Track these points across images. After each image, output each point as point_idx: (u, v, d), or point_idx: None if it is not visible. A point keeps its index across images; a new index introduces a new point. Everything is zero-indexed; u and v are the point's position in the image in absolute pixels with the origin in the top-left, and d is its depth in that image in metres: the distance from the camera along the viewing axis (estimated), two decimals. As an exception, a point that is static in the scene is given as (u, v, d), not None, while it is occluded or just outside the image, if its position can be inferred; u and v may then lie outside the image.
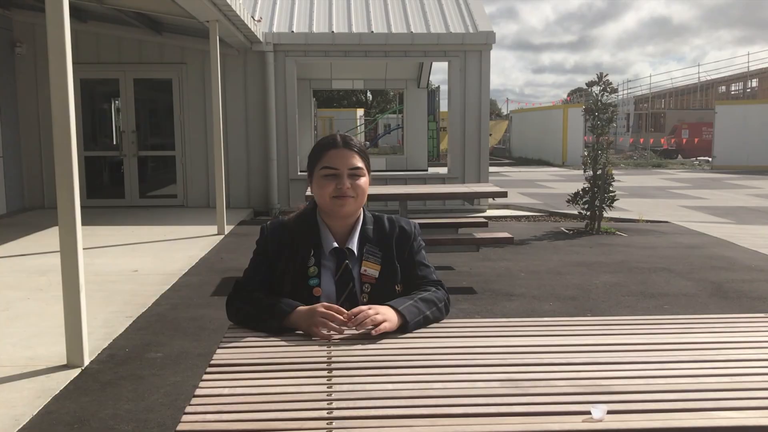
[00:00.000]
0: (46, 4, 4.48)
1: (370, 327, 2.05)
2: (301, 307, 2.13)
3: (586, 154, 11.14)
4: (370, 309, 2.09)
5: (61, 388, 4.22)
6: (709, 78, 48.15)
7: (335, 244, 2.33)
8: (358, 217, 2.39)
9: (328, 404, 1.57)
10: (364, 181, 2.34)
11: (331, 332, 2.05)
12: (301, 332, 2.10)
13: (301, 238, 2.32)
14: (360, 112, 40.46)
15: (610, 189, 10.67)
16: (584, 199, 10.76)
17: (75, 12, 11.68)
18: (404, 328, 2.12)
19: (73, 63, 4.69)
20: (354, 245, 2.34)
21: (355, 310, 2.08)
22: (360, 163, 2.34)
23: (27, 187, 12.99)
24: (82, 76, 12.64)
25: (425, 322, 2.20)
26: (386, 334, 2.08)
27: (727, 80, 47.62)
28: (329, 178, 2.30)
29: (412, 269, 2.38)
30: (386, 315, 2.09)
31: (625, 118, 42.96)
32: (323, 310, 2.07)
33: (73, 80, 4.62)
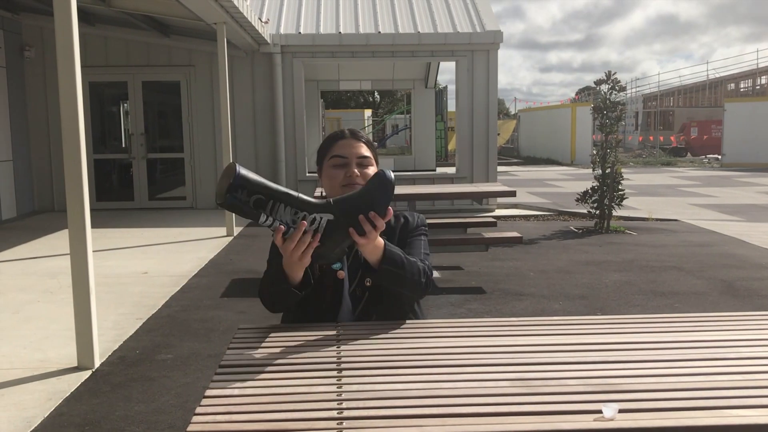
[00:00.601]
0: (54, 7, 4.50)
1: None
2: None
3: (594, 152, 11.11)
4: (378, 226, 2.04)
5: (72, 390, 4.24)
6: (717, 75, 47.98)
7: None
8: None
9: (338, 404, 1.57)
10: (372, 170, 2.37)
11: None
12: (310, 331, 2.11)
13: None
14: (368, 112, 40.50)
15: (619, 187, 10.63)
16: (593, 198, 10.73)
17: (83, 15, 11.73)
18: (381, 260, 2.12)
19: (82, 66, 4.70)
20: None
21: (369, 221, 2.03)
22: (368, 153, 2.39)
23: (37, 190, 13.05)
24: (90, 79, 12.72)
25: (401, 269, 2.16)
26: (395, 334, 2.09)
27: (736, 77, 47.43)
28: (338, 168, 2.35)
29: (406, 246, 2.35)
30: (375, 244, 2.08)
31: (634, 117, 42.87)
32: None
33: (81, 83, 4.64)
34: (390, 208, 2.02)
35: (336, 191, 2.33)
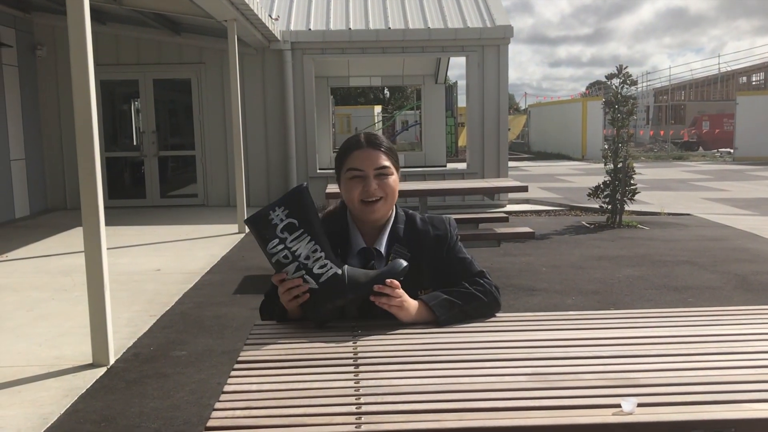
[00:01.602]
0: (67, 6, 4.52)
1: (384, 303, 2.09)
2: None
3: (606, 147, 11.07)
4: (397, 291, 2.09)
5: (88, 386, 4.27)
6: (729, 69, 47.68)
7: (363, 245, 2.28)
8: (390, 217, 2.32)
9: (356, 399, 1.58)
10: (392, 179, 2.27)
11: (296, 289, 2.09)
12: (326, 327, 2.12)
13: (329, 237, 2.23)
14: (378, 108, 40.41)
15: (631, 182, 10.60)
16: (605, 193, 10.69)
17: (94, 14, 11.70)
18: (436, 323, 2.13)
19: (93, 65, 4.72)
20: (382, 246, 2.28)
21: (387, 286, 2.08)
22: (387, 162, 2.26)
23: (49, 188, 13.12)
24: (102, 77, 12.72)
25: (463, 316, 2.18)
26: (413, 329, 2.09)
27: (748, 71, 47.13)
28: (355, 180, 2.24)
29: (453, 266, 2.31)
30: (406, 306, 2.11)
31: (645, 111, 42.68)
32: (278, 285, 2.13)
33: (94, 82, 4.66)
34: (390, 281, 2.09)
35: (355, 206, 2.26)
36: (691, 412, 1.50)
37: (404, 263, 2.11)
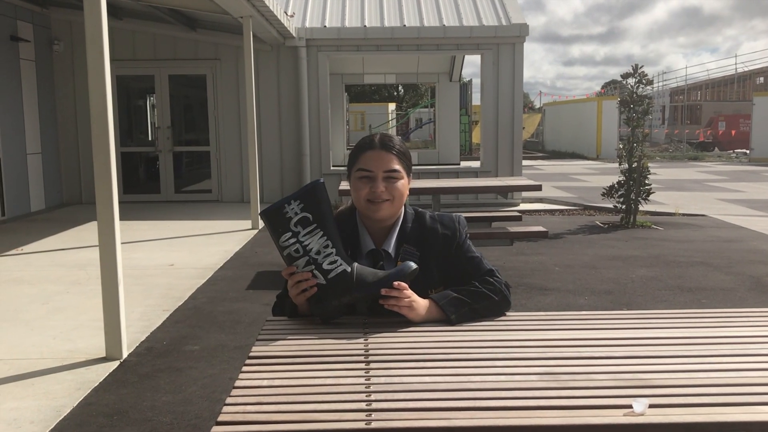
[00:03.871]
0: (84, 2, 4.54)
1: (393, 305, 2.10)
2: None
3: (621, 146, 11.01)
4: (405, 292, 2.09)
5: (101, 380, 4.29)
6: (746, 69, 47.30)
7: (372, 246, 2.29)
8: (398, 217, 2.33)
9: (366, 396, 1.58)
10: (401, 183, 2.27)
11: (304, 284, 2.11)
12: (337, 324, 2.12)
13: None
14: (392, 106, 40.40)
15: (646, 182, 10.54)
16: (619, 193, 10.64)
17: (111, 9, 11.83)
18: (448, 321, 2.13)
19: (110, 60, 4.74)
20: (391, 247, 2.29)
21: (395, 289, 2.08)
22: (397, 165, 2.26)
23: (65, 182, 13.20)
24: (118, 72, 12.84)
25: (473, 315, 2.18)
26: (424, 327, 2.09)
27: (765, 71, 46.73)
28: (364, 181, 2.26)
29: (462, 265, 2.31)
30: (415, 306, 2.11)
31: (661, 111, 42.43)
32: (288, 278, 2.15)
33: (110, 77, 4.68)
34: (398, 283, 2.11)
35: (361, 204, 2.27)
36: (703, 413, 1.49)
37: (414, 266, 2.12)
